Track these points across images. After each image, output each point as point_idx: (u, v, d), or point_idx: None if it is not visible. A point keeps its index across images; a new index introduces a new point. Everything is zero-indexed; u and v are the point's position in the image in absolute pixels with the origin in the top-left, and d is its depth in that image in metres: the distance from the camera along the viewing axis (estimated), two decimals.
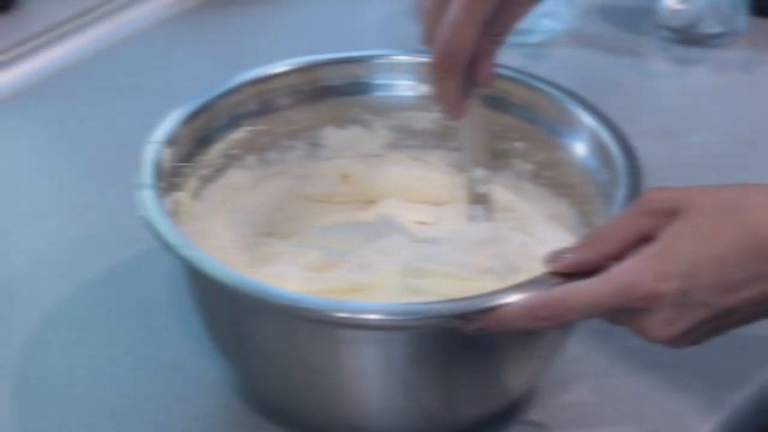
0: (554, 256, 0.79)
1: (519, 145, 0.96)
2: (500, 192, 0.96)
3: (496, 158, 0.97)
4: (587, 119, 0.92)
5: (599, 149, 0.90)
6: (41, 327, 0.97)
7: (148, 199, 0.83)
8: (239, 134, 0.95)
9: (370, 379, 0.81)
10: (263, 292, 0.77)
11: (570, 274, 0.78)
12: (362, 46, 1.26)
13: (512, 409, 0.90)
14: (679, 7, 1.29)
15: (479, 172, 0.91)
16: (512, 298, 0.77)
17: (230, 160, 0.95)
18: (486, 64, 0.91)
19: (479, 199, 0.92)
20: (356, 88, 0.98)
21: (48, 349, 0.95)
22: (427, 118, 0.99)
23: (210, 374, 0.93)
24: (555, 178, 0.95)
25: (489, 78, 0.92)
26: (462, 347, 0.80)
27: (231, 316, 0.82)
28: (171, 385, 0.92)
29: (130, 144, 0.90)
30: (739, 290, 0.75)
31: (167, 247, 0.80)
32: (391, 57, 0.98)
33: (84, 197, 1.11)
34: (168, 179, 0.87)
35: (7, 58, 1.28)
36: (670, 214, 0.77)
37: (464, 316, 0.77)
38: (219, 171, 0.94)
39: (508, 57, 1.27)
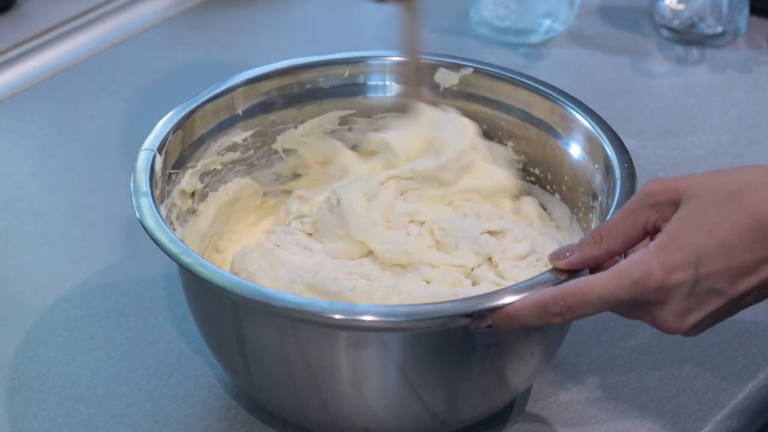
0: (559, 254, 0.79)
1: (510, 142, 0.96)
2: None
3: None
4: (581, 119, 0.91)
5: (593, 149, 0.90)
6: (41, 327, 0.97)
7: (146, 207, 0.83)
8: (226, 139, 0.95)
9: (376, 380, 0.81)
10: (268, 297, 0.78)
11: (575, 272, 0.78)
12: (362, 46, 1.26)
13: (513, 408, 0.90)
14: (679, 7, 1.29)
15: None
16: (521, 296, 0.77)
17: (216, 165, 0.95)
18: None
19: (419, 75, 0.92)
20: (343, 90, 0.98)
21: (48, 349, 0.95)
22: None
23: (210, 374, 0.93)
24: (546, 176, 0.95)
25: None
26: (467, 346, 0.80)
27: (234, 321, 0.82)
28: (171, 385, 0.92)
29: (130, 144, 0.90)
30: (749, 275, 0.75)
31: (169, 256, 0.80)
32: (379, 58, 0.98)
33: (84, 197, 1.11)
34: (161, 186, 0.88)
35: (7, 58, 1.28)
36: (672, 204, 0.76)
37: (475, 315, 0.77)
38: (205, 176, 0.94)
39: (508, 57, 1.28)
